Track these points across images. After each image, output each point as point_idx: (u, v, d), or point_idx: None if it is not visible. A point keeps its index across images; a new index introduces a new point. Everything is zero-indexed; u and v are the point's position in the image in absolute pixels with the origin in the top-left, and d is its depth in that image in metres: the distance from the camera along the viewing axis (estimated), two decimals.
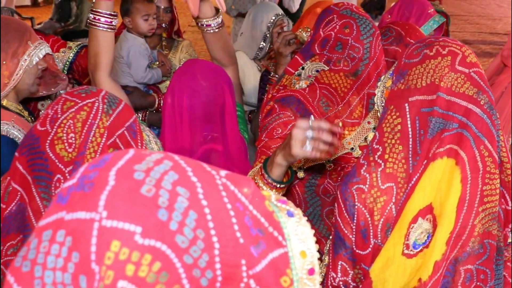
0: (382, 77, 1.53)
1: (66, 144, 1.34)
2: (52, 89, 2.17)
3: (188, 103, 1.98)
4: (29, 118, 2.08)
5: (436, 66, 1.35)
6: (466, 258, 1.31)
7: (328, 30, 1.90)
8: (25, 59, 1.95)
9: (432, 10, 3.07)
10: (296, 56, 1.96)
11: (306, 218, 0.69)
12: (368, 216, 1.34)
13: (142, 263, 0.57)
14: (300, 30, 2.56)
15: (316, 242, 0.69)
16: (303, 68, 1.89)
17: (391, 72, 1.49)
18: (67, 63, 2.48)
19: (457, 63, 1.36)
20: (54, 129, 1.35)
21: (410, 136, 1.34)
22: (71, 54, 2.50)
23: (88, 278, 0.57)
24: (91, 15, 1.95)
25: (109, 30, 1.96)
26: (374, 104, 1.81)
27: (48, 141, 1.35)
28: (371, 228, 1.34)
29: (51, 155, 1.34)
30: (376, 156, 1.37)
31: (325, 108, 1.81)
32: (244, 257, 0.63)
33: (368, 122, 1.82)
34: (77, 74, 2.59)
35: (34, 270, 0.59)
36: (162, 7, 3.17)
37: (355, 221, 1.35)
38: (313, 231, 0.68)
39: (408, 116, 1.35)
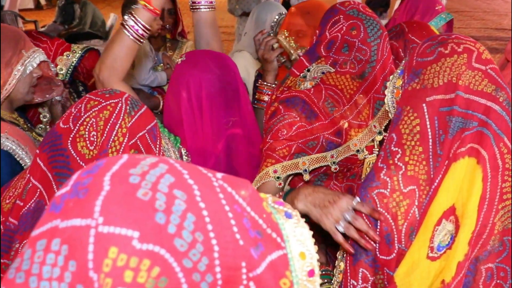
0: (391, 77, 1.51)
1: (88, 142, 1.36)
2: (47, 96, 2.17)
3: (206, 93, 1.94)
4: (25, 126, 2.08)
5: (453, 64, 1.34)
6: (487, 256, 1.30)
7: (334, 32, 1.86)
8: (19, 69, 1.94)
9: (441, 7, 3.04)
10: (301, 57, 1.93)
11: (304, 219, 0.68)
12: (391, 221, 1.32)
13: (140, 268, 0.56)
14: (281, 33, 2.53)
15: (317, 244, 0.68)
16: (308, 70, 1.87)
17: (400, 71, 1.47)
18: (71, 67, 2.48)
19: (473, 61, 1.34)
20: (77, 127, 1.37)
21: (430, 137, 1.32)
22: (75, 58, 2.50)
23: (86, 287, 0.56)
24: (128, 19, 1.83)
25: (138, 41, 1.86)
26: (379, 109, 1.81)
27: (70, 139, 1.36)
28: (395, 233, 1.33)
29: (72, 152, 1.35)
30: (395, 159, 1.34)
31: (330, 109, 1.80)
32: (244, 259, 0.62)
33: (375, 126, 1.80)
34: (82, 76, 2.60)
35: (29, 281, 0.58)
36: (166, 8, 3.17)
37: (378, 227, 1.33)
38: (311, 232, 0.67)
39: (426, 116, 1.33)
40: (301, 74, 1.89)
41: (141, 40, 1.85)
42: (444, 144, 1.31)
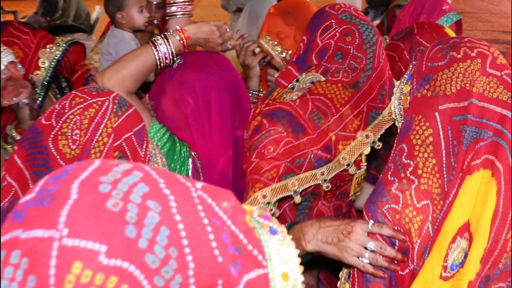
0: (397, 83, 1.50)
1: (70, 141, 1.35)
2: (14, 99, 2.14)
3: (215, 97, 1.95)
4: None
5: (466, 70, 1.32)
6: (498, 275, 1.28)
7: (326, 38, 1.82)
8: None
9: (448, 6, 3.04)
10: (289, 67, 1.87)
11: (291, 236, 0.66)
12: (406, 237, 1.31)
13: (107, 286, 0.54)
14: (262, 37, 2.51)
15: (309, 267, 0.66)
16: (297, 81, 1.83)
17: (407, 76, 1.46)
18: (54, 60, 2.46)
19: (488, 66, 1.33)
20: (59, 124, 1.36)
21: (443, 148, 1.31)
22: (59, 52, 2.48)
23: None
24: (162, 43, 1.85)
25: (162, 62, 1.86)
26: (375, 117, 1.79)
27: (51, 136, 1.36)
28: (410, 249, 1.31)
29: (53, 150, 1.34)
30: (408, 172, 1.32)
31: (317, 121, 1.75)
32: (222, 277, 0.60)
33: (367, 136, 1.77)
34: (66, 71, 2.59)
35: None
36: (154, 2, 3.16)
37: (396, 244, 1.32)
38: (298, 251, 0.65)
39: (440, 126, 1.32)
40: (289, 85, 1.84)
41: (167, 62, 1.89)
42: (458, 155, 1.30)
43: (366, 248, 1.33)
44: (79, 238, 0.55)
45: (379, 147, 1.79)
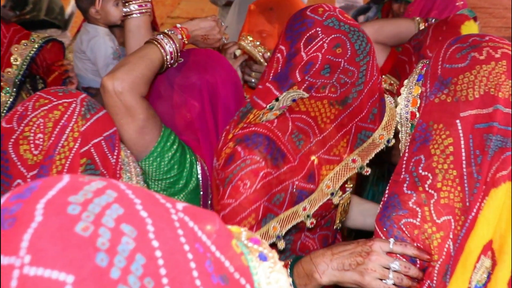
0: (405, 82, 1.49)
1: (32, 145, 1.35)
2: None
3: (222, 100, 2.02)
4: None
5: (490, 73, 1.32)
6: None
7: (313, 51, 1.69)
8: None
9: (462, 2, 3.03)
10: (268, 84, 1.75)
11: (282, 263, 0.65)
12: (430, 256, 1.31)
13: None
14: (243, 37, 2.50)
15: None
16: (277, 100, 1.71)
17: (417, 76, 1.47)
18: (27, 57, 2.44)
19: None
20: (21, 127, 1.36)
21: (464, 158, 1.31)
22: (34, 49, 2.46)
23: None
24: (167, 42, 1.92)
25: (168, 61, 1.93)
26: (364, 140, 1.73)
27: (12, 140, 1.36)
28: (430, 268, 1.32)
29: (13, 156, 1.35)
30: (426, 185, 1.32)
31: (298, 143, 1.65)
32: None
33: (353, 160, 1.70)
34: (41, 70, 2.58)
35: None
36: None
37: (418, 261, 1.32)
38: (290, 280, 0.64)
39: (461, 135, 1.32)
40: (267, 106, 1.72)
41: (170, 63, 1.95)
42: (482, 166, 1.29)
43: (388, 268, 1.33)
44: (43, 266, 0.54)
45: (368, 173, 1.73)
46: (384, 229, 1.34)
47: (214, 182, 1.76)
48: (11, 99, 2.36)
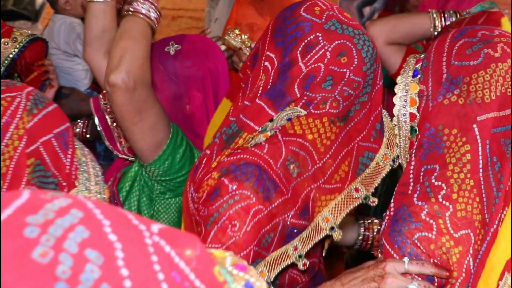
0: (399, 79, 1.47)
1: None
2: None
3: (223, 89, 2.03)
4: None
5: (507, 72, 1.33)
6: None
7: (313, 61, 1.57)
8: None
9: None
10: (259, 101, 1.61)
11: None
12: (450, 273, 1.30)
13: None
14: (228, 31, 2.47)
15: None
16: (271, 120, 1.60)
17: (411, 71, 1.45)
18: (8, 58, 2.41)
19: None
20: None
21: (481, 166, 1.31)
22: (15, 49, 2.42)
23: None
24: (136, 3, 1.86)
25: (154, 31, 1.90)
26: (367, 164, 1.65)
27: None
28: (449, 286, 1.31)
29: None
30: (439, 196, 1.32)
31: (293, 171, 1.56)
32: None
33: (356, 189, 1.63)
34: (19, 68, 2.54)
35: None
36: None
37: (435, 279, 1.31)
38: None
39: (479, 141, 1.31)
40: (260, 128, 1.60)
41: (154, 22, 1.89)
42: (503, 174, 1.30)
43: None
44: None
45: (374, 204, 1.65)
46: (396, 246, 1.32)
47: (187, 214, 1.66)
48: None
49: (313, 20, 1.59)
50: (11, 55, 2.43)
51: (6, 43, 2.43)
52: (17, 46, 2.44)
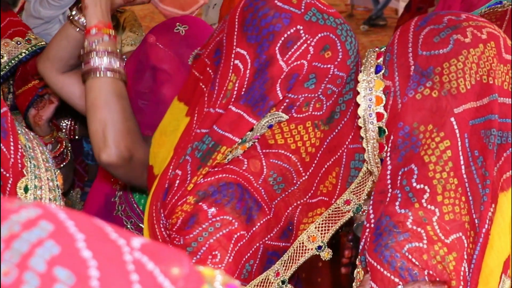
0: (360, 77, 1.39)
1: None
2: None
3: None
4: None
5: (480, 58, 1.30)
6: None
7: (295, 58, 1.46)
8: None
9: None
10: (235, 109, 1.49)
11: None
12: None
13: None
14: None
15: None
16: (252, 130, 1.50)
17: (373, 67, 1.39)
18: (15, 59, 2.33)
19: (503, 51, 1.32)
20: None
21: (462, 162, 1.28)
22: (25, 52, 2.33)
23: None
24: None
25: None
26: (359, 168, 1.59)
27: None
28: None
29: None
30: (423, 200, 1.27)
31: (277, 187, 1.49)
32: None
33: (347, 202, 1.57)
34: (15, 74, 2.46)
35: None
36: None
37: None
38: None
39: (458, 135, 1.28)
40: (240, 140, 1.49)
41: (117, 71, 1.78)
42: (487, 168, 1.27)
43: None
44: None
45: (365, 213, 1.58)
46: (385, 262, 1.25)
47: (155, 236, 1.57)
48: None
49: (292, 11, 1.46)
50: (20, 56, 2.33)
51: (18, 42, 2.34)
52: (30, 48, 2.34)
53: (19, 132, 1.38)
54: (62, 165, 2.37)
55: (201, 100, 1.54)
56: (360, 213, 1.59)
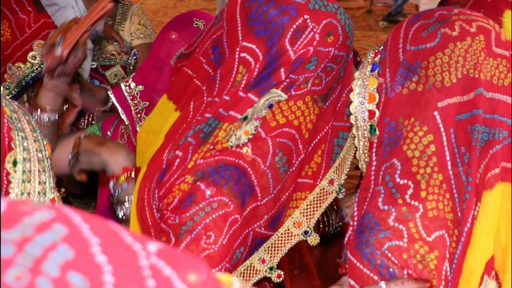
0: (356, 74, 1.42)
1: None
2: None
3: None
4: None
5: (467, 51, 1.31)
6: None
7: (302, 46, 1.50)
8: None
9: None
10: (242, 93, 1.54)
11: None
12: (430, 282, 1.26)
13: None
14: None
15: None
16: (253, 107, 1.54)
17: (371, 66, 1.41)
18: (35, 72, 2.36)
19: (493, 44, 1.31)
20: None
21: (449, 159, 1.28)
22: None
23: None
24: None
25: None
26: (342, 146, 1.62)
27: None
28: None
29: None
30: (407, 196, 1.27)
31: (282, 170, 1.52)
32: None
33: (331, 181, 1.59)
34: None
35: None
36: None
37: None
38: None
39: (442, 130, 1.29)
40: (241, 117, 1.53)
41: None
42: (471, 165, 1.28)
43: None
44: None
45: (344, 194, 1.64)
46: (365, 259, 1.27)
47: (144, 225, 1.58)
48: (9, 96, 2.30)
49: (296, 2, 1.51)
50: (37, 70, 2.37)
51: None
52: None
53: (3, 103, 1.36)
54: None
55: (197, 94, 1.58)
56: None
